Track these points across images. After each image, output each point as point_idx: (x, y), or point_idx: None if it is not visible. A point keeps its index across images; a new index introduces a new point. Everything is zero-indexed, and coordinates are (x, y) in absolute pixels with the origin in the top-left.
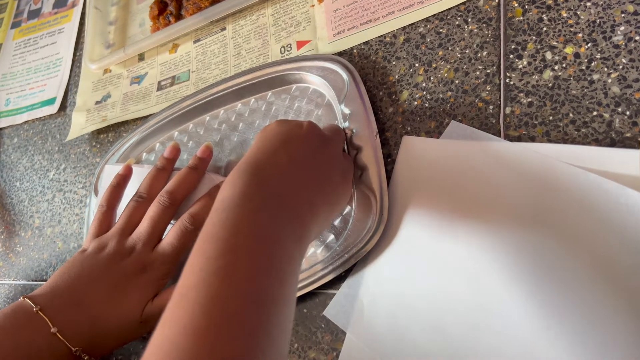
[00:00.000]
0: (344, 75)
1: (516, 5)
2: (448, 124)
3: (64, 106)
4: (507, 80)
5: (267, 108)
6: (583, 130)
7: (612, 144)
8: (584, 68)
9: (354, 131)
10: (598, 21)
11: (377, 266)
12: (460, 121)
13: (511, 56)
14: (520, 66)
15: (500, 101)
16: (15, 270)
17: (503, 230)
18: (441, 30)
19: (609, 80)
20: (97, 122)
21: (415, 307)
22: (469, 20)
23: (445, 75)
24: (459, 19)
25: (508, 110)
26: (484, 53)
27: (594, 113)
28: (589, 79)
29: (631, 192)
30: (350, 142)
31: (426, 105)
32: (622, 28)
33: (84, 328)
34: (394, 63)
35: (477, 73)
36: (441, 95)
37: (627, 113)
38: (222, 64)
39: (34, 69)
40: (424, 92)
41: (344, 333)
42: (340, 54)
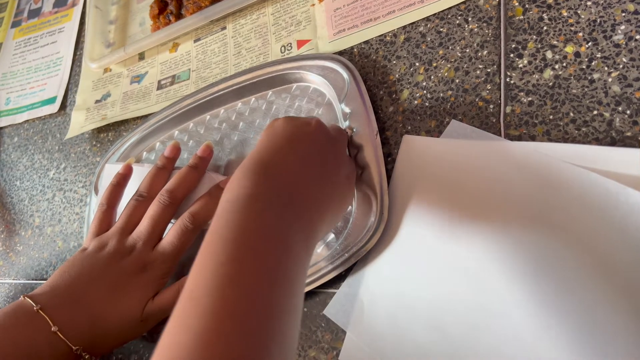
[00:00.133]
0: (345, 75)
1: (516, 4)
2: (448, 123)
3: (64, 105)
4: (508, 80)
5: (268, 107)
6: (583, 129)
7: (613, 143)
8: (584, 67)
9: (354, 130)
10: (598, 20)
11: (378, 265)
12: (461, 120)
13: (511, 55)
14: (521, 65)
15: (500, 100)
16: (16, 269)
17: (503, 229)
18: (441, 30)
19: (610, 80)
20: (96, 120)
21: (416, 307)
22: (470, 19)
23: (446, 74)
24: (459, 18)
25: (508, 109)
26: (485, 52)
27: (595, 112)
28: (589, 78)
29: (632, 191)
30: (351, 141)
31: (426, 104)
32: (622, 27)
33: (84, 327)
34: (394, 62)
35: (478, 72)
36: (441, 95)
37: (628, 112)
38: (222, 63)
39: (34, 68)
40: (425, 91)
41: (344, 332)
42: (340, 53)
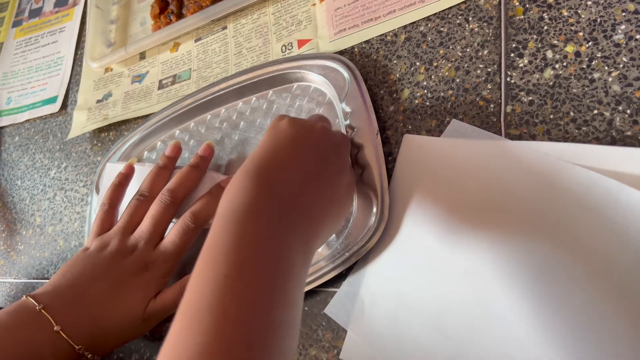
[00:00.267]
0: (345, 74)
1: (517, 4)
2: (449, 123)
3: (65, 105)
4: (508, 79)
5: (268, 107)
6: (584, 128)
7: (613, 142)
8: (584, 67)
9: (354, 129)
10: (599, 20)
11: (378, 264)
12: (461, 120)
13: (512, 55)
14: (521, 65)
15: (501, 100)
16: (17, 269)
17: (503, 229)
18: (442, 29)
19: (610, 79)
20: (98, 120)
21: (416, 306)
22: (470, 19)
23: (446, 73)
24: (460, 17)
25: (509, 108)
26: (485, 52)
27: (595, 111)
28: (589, 77)
29: (632, 190)
30: (352, 142)
31: (427, 103)
32: (622, 27)
33: (87, 326)
34: (395, 62)
35: (478, 72)
36: (442, 94)
37: (628, 112)
38: (223, 62)
39: (35, 67)
40: (425, 91)
41: (345, 331)
42: (341, 52)
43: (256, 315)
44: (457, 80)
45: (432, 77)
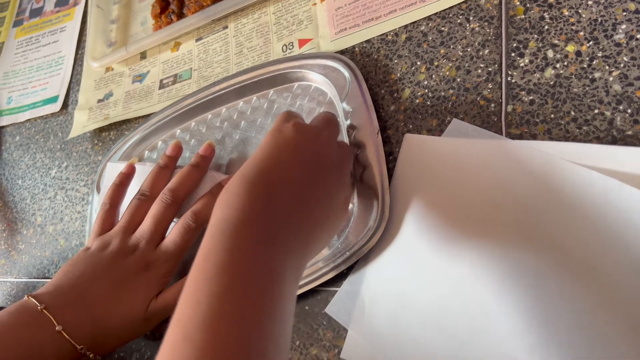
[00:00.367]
0: (346, 73)
1: (518, 3)
2: (450, 122)
3: (66, 104)
4: (509, 79)
5: (269, 106)
6: (584, 128)
7: (614, 141)
8: (585, 66)
9: (355, 129)
10: (599, 19)
11: (379, 264)
12: (462, 119)
13: (513, 54)
14: (522, 64)
15: (501, 99)
16: (18, 268)
17: (504, 228)
18: (443, 29)
19: (611, 79)
20: (99, 120)
21: (417, 306)
22: (471, 18)
23: (447, 73)
24: (460, 17)
25: (510, 108)
26: (486, 51)
27: (596, 111)
28: (590, 77)
29: (633, 190)
30: (352, 140)
31: (428, 103)
32: (623, 26)
33: (88, 326)
34: (395, 61)
35: (479, 71)
36: (443, 93)
37: (629, 111)
38: (224, 62)
39: (36, 67)
40: (426, 90)
41: (346, 330)
42: (342, 52)
43: (247, 334)
44: (458, 80)
45: (433, 76)
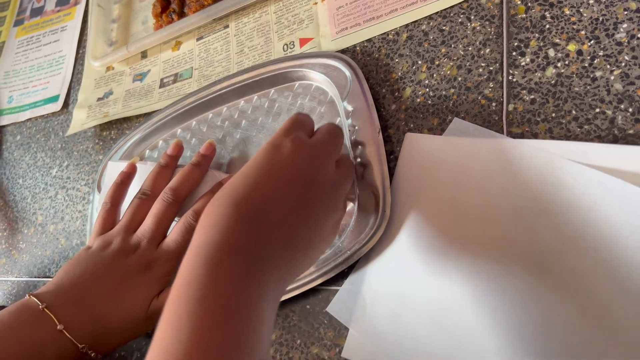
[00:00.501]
0: (347, 73)
1: (519, 2)
2: (451, 121)
3: (66, 103)
4: (510, 78)
5: (270, 105)
6: (586, 127)
7: (615, 140)
8: (586, 65)
9: (356, 128)
10: (601, 18)
11: (380, 263)
12: (463, 118)
13: (514, 53)
14: (523, 63)
15: (503, 98)
16: (18, 267)
17: (505, 227)
18: (444, 28)
19: (612, 78)
20: (98, 118)
21: (417, 305)
22: (472, 17)
23: (448, 72)
24: (461, 16)
25: (511, 107)
26: (487, 50)
27: (597, 110)
28: (591, 76)
29: (634, 188)
30: (353, 139)
31: (429, 102)
32: (624, 25)
33: (89, 325)
34: (396, 60)
35: (480, 70)
36: (444, 93)
37: (630, 110)
38: (224, 61)
39: (37, 66)
40: (427, 89)
41: (347, 329)
42: (343, 51)
43: None
44: (459, 79)
45: (434, 75)
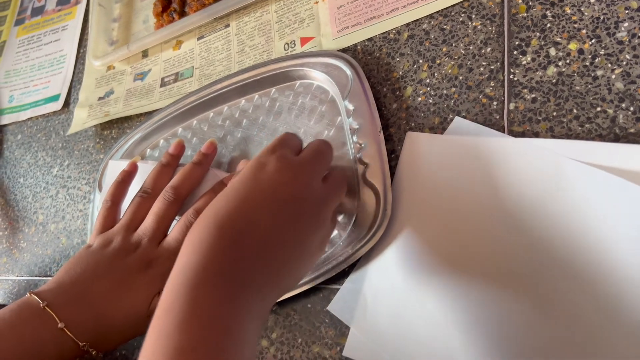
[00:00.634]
0: (348, 72)
1: (520, 1)
2: (452, 120)
3: (67, 103)
4: (511, 76)
5: (271, 104)
6: (587, 125)
7: (616, 139)
8: (587, 64)
9: (357, 127)
10: (602, 17)
11: (381, 262)
12: (464, 117)
13: (515, 52)
14: (524, 62)
15: (504, 97)
16: (19, 266)
17: (507, 226)
18: (445, 27)
19: (613, 76)
20: (99, 117)
21: (419, 303)
22: (473, 16)
23: (449, 71)
24: (462, 15)
25: (512, 106)
26: (488, 49)
27: (598, 109)
28: (592, 75)
29: (635, 187)
30: (354, 138)
31: (430, 101)
32: (625, 24)
33: (90, 323)
34: (397, 59)
35: (481, 69)
36: (445, 91)
37: (631, 109)
38: (225, 60)
39: (38, 66)
40: (428, 88)
41: (348, 328)
42: (344, 50)
43: None
44: (460, 78)
45: (435, 74)
